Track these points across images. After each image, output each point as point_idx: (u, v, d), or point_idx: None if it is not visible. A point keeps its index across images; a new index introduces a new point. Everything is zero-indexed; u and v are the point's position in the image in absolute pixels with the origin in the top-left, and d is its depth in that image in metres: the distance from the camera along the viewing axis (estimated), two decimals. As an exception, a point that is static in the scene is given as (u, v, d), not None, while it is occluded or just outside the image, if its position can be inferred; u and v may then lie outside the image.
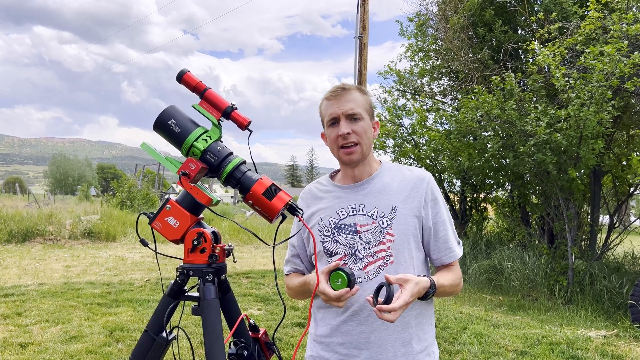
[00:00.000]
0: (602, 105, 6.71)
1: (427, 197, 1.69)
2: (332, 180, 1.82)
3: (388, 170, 1.77)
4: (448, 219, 1.74)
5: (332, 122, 1.68)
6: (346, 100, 1.67)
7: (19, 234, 12.24)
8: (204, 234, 1.52)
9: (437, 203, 1.72)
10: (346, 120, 1.66)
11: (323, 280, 1.51)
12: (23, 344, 4.63)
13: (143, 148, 1.57)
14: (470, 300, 7.70)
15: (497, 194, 11.26)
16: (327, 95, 1.71)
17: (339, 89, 1.70)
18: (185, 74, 1.58)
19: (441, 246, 1.71)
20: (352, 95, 1.68)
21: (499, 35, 9.30)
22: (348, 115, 1.66)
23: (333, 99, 1.69)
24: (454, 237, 1.75)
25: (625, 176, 8.89)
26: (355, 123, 1.66)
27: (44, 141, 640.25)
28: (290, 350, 4.66)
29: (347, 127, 1.65)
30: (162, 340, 1.55)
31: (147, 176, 27.11)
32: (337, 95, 1.68)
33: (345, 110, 1.66)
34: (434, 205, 1.71)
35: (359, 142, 1.66)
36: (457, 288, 1.72)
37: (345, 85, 1.71)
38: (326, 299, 1.50)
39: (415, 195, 1.69)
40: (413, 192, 1.69)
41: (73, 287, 7.24)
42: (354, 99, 1.68)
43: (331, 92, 1.71)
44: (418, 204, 1.68)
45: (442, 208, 1.73)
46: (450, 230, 1.74)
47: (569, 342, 5.17)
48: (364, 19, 10.69)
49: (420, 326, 1.68)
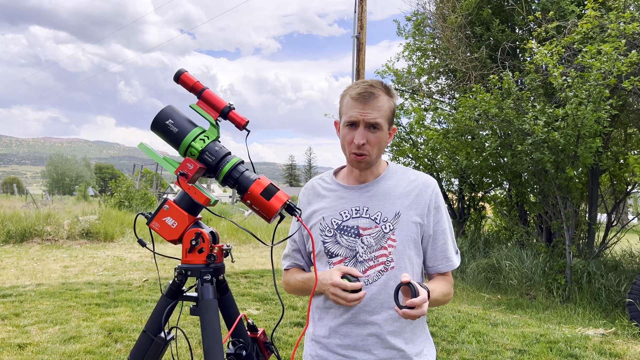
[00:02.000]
0: (599, 104, 6.72)
1: (430, 204, 1.68)
2: (336, 178, 1.79)
3: (394, 173, 1.74)
4: (449, 228, 1.73)
5: (350, 124, 1.62)
6: (371, 108, 1.59)
7: (17, 235, 12.21)
8: (202, 234, 1.52)
9: (439, 211, 1.71)
10: (365, 129, 1.60)
11: (337, 275, 1.54)
12: (21, 345, 4.62)
13: (141, 148, 1.57)
14: (468, 299, 7.71)
15: (495, 193, 11.27)
16: (353, 95, 1.61)
17: (367, 92, 1.59)
18: (182, 73, 1.58)
19: (439, 255, 1.71)
20: (379, 103, 1.60)
21: (497, 34, 9.31)
22: (368, 124, 1.60)
23: (358, 102, 1.59)
24: (453, 246, 1.74)
25: (622, 175, 8.91)
26: (372, 133, 1.60)
27: (42, 141, 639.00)
28: (288, 350, 4.66)
29: (363, 137, 1.59)
30: (161, 341, 1.55)
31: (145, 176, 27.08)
32: (364, 100, 1.59)
33: (368, 119, 1.59)
34: (436, 214, 1.70)
35: (370, 153, 1.62)
36: (448, 298, 1.72)
37: (373, 89, 1.60)
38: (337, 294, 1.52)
39: (420, 202, 1.67)
40: (417, 198, 1.67)
41: (71, 287, 7.23)
42: (379, 107, 1.60)
43: (358, 92, 1.60)
44: (422, 211, 1.67)
45: (443, 216, 1.72)
46: (450, 240, 1.73)
47: (567, 340, 5.18)
48: (361, 18, 10.69)
49: (415, 330, 1.69)
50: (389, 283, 1.63)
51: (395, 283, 1.62)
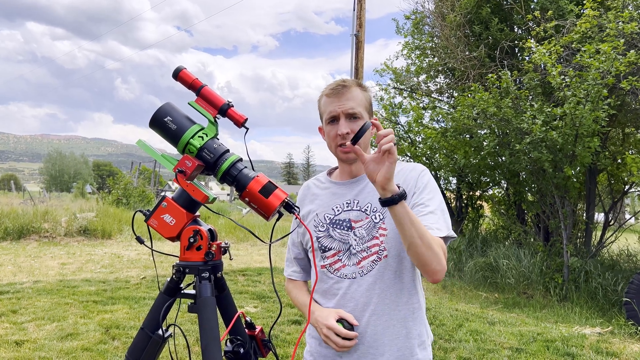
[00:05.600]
0: (597, 103, 6.73)
1: (417, 185, 1.66)
2: (330, 177, 1.83)
3: None
4: (438, 207, 1.62)
5: (331, 119, 1.67)
6: (346, 99, 1.65)
7: (14, 232, 12.19)
8: (200, 232, 1.52)
9: (425, 189, 1.65)
10: (346, 120, 1.65)
11: (334, 318, 1.60)
12: (18, 342, 4.62)
13: (139, 145, 1.57)
14: (465, 298, 7.72)
15: (493, 192, 11.28)
16: (327, 92, 1.69)
17: (339, 85, 1.67)
18: (181, 71, 1.57)
19: None
20: (352, 93, 1.66)
21: (495, 33, 9.31)
22: (348, 115, 1.64)
23: (333, 96, 1.67)
24: (443, 221, 1.60)
25: (620, 174, 8.93)
26: (354, 122, 1.65)
27: (39, 138, 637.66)
28: (286, 347, 4.66)
29: (346, 126, 1.64)
30: (158, 338, 1.54)
31: (143, 173, 27.05)
32: (338, 92, 1.66)
33: (346, 109, 1.64)
34: (421, 192, 1.64)
35: None
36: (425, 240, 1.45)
37: (345, 82, 1.68)
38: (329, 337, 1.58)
39: (406, 186, 1.66)
40: (404, 184, 1.65)
41: (69, 284, 7.22)
42: (354, 97, 1.66)
43: (331, 88, 1.68)
44: (408, 193, 1.65)
45: (430, 193, 1.64)
46: (438, 216, 1.60)
47: (564, 339, 5.19)
48: (360, 17, 10.68)
49: (416, 321, 1.68)
50: (385, 272, 1.63)
51: (390, 272, 1.63)
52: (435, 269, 1.48)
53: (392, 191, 1.39)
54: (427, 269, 1.50)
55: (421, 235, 1.44)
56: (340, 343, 1.56)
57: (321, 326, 1.61)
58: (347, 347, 1.58)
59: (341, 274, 1.67)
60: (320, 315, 1.63)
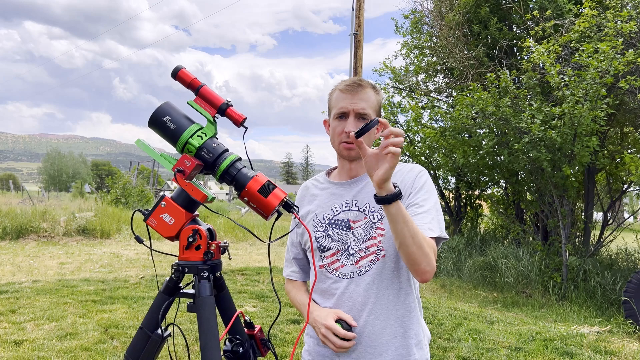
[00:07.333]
0: (596, 102, 6.74)
1: (414, 185, 1.66)
2: (328, 177, 1.83)
3: None
4: (433, 208, 1.62)
5: (340, 115, 1.68)
6: (360, 99, 1.65)
7: (13, 231, 12.18)
8: (199, 231, 1.52)
9: (421, 190, 1.65)
10: (355, 119, 1.65)
11: (332, 318, 1.60)
12: (17, 341, 4.61)
13: (138, 145, 1.56)
14: (464, 297, 7.73)
15: (491, 191, 11.29)
16: (342, 88, 1.69)
17: (355, 83, 1.68)
18: (180, 70, 1.57)
19: None
20: (366, 94, 1.67)
21: (494, 32, 9.31)
22: (358, 114, 1.65)
23: (347, 92, 1.67)
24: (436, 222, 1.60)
25: (618, 173, 8.94)
26: (362, 123, 1.64)
27: (38, 137, 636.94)
28: (285, 347, 4.67)
29: (354, 125, 1.63)
30: (157, 337, 1.54)
31: (141, 173, 27.02)
32: (352, 90, 1.66)
33: (357, 108, 1.65)
34: (417, 192, 1.64)
35: None
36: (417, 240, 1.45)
37: (362, 82, 1.69)
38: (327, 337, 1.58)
39: (403, 186, 1.66)
40: (401, 184, 1.66)
41: (67, 284, 7.22)
42: (367, 98, 1.66)
43: (347, 84, 1.69)
44: (404, 194, 1.65)
45: (426, 194, 1.64)
46: (432, 216, 1.59)
47: (563, 338, 5.20)
48: (359, 16, 10.69)
49: (412, 320, 1.68)
50: (383, 272, 1.63)
51: (387, 272, 1.63)
52: (424, 269, 1.49)
53: (388, 190, 1.40)
54: (416, 268, 1.50)
55: (413, 234, 1.45)
56: (338, 343, 1.57)
57: (319, 326, 1.61)
58: (345, 347, 1.58)
59: (340, 274, 1.67)
60: (319, 315, 1.63)
